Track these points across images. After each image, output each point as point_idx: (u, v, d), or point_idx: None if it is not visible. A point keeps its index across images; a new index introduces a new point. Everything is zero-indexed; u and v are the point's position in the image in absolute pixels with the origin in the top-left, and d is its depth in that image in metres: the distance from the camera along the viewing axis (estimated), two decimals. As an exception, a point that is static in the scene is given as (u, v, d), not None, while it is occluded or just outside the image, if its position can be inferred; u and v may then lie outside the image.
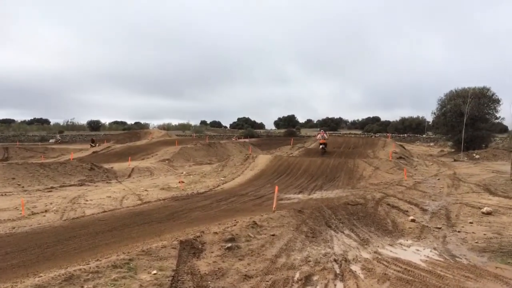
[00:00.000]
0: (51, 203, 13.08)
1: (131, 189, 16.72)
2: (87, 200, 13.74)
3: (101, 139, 53.84)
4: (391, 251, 7.54)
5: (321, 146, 27.23)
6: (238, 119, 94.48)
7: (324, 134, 27.73)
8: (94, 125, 79.85)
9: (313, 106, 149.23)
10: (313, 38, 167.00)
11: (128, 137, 54.51)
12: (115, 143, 45.66)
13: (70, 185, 17.96)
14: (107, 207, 12.60)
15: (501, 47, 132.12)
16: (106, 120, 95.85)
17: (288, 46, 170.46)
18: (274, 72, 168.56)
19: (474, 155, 28.47)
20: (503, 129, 43.36)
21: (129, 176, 22.38)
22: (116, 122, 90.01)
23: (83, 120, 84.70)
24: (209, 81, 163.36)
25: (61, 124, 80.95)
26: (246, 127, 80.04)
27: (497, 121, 33.87)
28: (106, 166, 24.35)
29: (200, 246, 6.67)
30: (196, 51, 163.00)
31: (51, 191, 16.31)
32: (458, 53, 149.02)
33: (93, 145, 44.90)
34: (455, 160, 26.83)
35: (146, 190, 16.27)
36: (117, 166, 25.47)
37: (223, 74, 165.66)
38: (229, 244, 6.78)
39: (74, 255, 7.36)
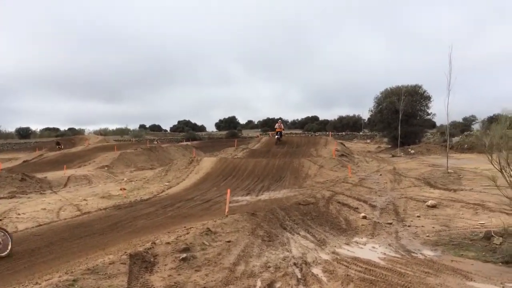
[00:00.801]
0: (-23, 220, 11.82)
1: (68, 199, 15.62)
2: (19, 214, 12.59)
3: (32, 147, 50.46)
4: (348, 250, 7.46)
5: (276, 135, 31.31)
6: (179, 122, 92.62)
7: (281, 125, 31.80)
8: (23, 133, 74.35)
9: (253, 107, 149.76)
10: (254, 40, 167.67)
11: (62, 144, 51.44)
12: (47, 150, 42.85)
13: (-1, 198, 16.45)
14: (43, 220, 11.60)
15: (432, 47, 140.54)
16: (36, 126, 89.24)
17: (227, 47, 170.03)
18: (214, 74, 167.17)
19: (410, 150, 29.82)
20: (432, 124, 45.94)
21: (65, 185, 20.98)
22: (48, 129, 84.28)
23: (10, 128, 78.58)
24: (147, 84, 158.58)
25: (-14, 132, 74.78)
26: (187, 130, 78.75)
27: (428, 117, 35.81)
28: (39, 175, 22.71)
29: (152, 259, 6.16)
30: (132, 53, 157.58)
31: (-24, 205, 14.81)
32: (392, 52, 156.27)
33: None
34: (393, 156, 27.93)
35: (85, 200, 15.27)
36: (51, 175, 23.85)
37: (161, 77, 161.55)
38: (184, 255, 6.33)
39: (7, 277, 6.58)
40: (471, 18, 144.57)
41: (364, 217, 10.03)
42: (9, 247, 7.98)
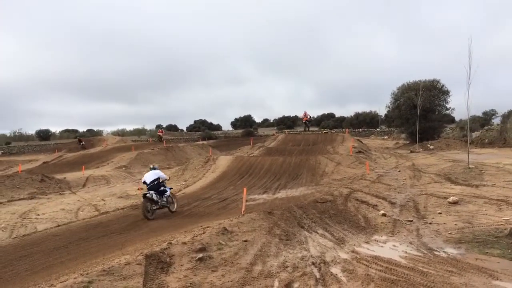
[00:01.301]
0: (-3, 220, 12.00)
1: (86, 199, 15.76)
2: (38, 215, 12.75)
3: (51, 149, 51.21)
4: (368, 249, 7.28)
5: (304, 122, 38.67)
6: (195, 121, 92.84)
7: (306, 113, 38.39)
8: (44, 135, 75.50)
9: (269, 105, 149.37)
10: (267, 38, 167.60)
11: (84, 141, 52.08)
12: (67, 152, 43.46)
13: (20, 199, 16.66)
14: (61, 221, 11.74)
15: (448, 40, 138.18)
16: (56, 128, 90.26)
17: (241, 46, 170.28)
18: (228, 73, 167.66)
19: (429, 145, 29.25)
20: (451, 119, 45.00)
21: (84, 185, 21.23)
22: (67, 130, 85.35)
23: (31, 130, 79.87)
24: (162, 84, 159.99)
25: (8, 135, 75.96)
26: (203, 129, 78.94)
27: (447, 112, 35.04)
28: (58, 176, 23.03)
29: (168, 260, 6.09)
30: (148, 55, 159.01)
31: (-3, 207, 15.04)
32: (407, 47, 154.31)
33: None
34: (411, 152, 27.40)
35: (103, 200, 15.39)
36: (70, 176, 24.16)
37: (177, 77, 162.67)
38: (200, 255, 6.25)
39: (26, 278, 6.62)
40: (488, 10, 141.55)
41: (384, 215, 9.81)
42: (176, 206, 12.36)
